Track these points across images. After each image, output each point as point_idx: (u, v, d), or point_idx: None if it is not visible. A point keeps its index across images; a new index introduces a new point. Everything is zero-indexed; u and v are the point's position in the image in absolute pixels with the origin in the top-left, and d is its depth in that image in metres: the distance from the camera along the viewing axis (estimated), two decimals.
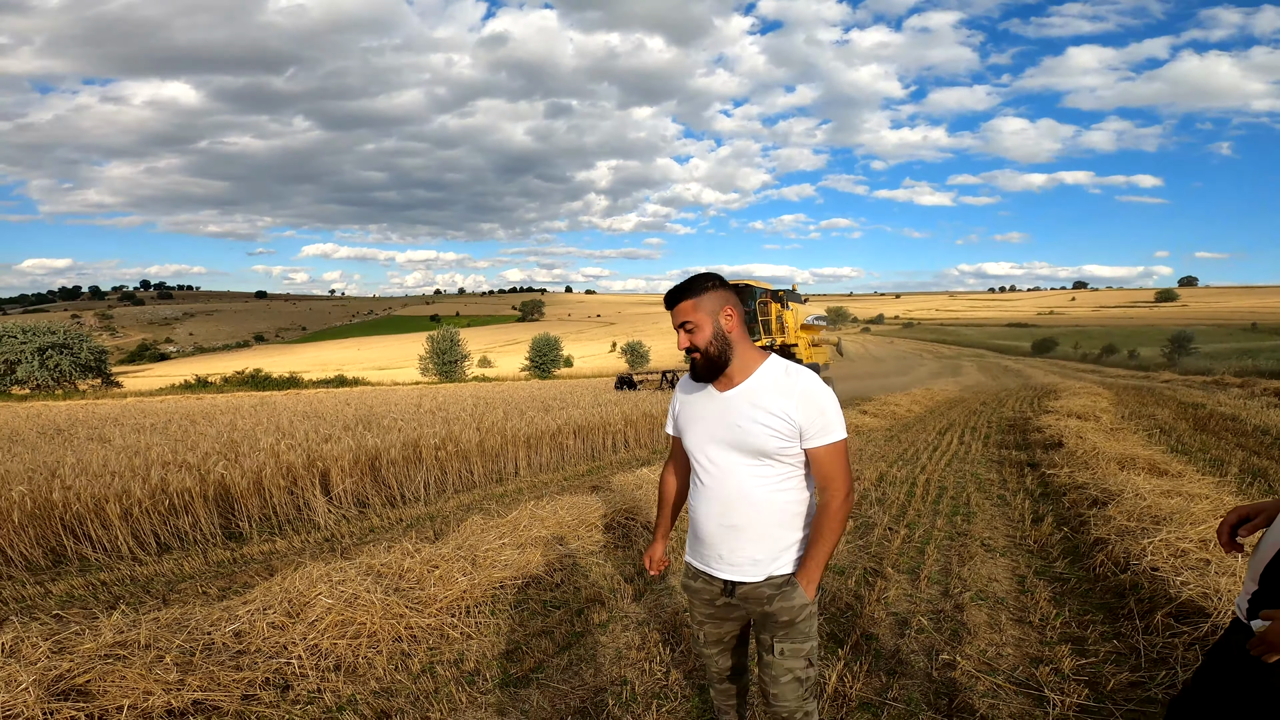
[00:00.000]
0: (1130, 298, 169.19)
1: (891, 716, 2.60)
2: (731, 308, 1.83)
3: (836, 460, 1.78)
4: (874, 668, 2.99)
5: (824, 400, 1.76)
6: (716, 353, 1.81)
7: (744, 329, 1.85)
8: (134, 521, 5.07)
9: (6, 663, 2.68)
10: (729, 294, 1.85)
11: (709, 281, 1.83)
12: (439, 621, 3.49)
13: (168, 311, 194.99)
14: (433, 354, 45.80)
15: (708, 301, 1.81)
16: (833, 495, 1.78)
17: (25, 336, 35.09)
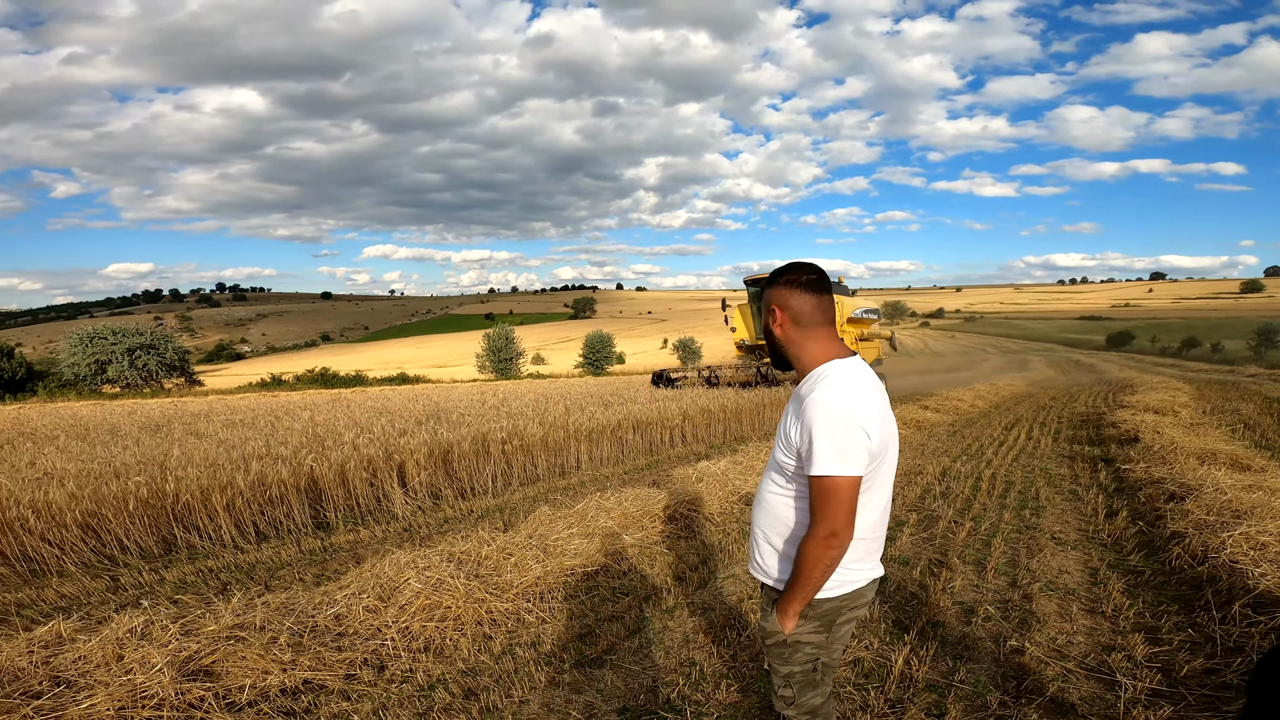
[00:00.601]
0: (1213, 289, 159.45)
1: (958, 697, 2.67)
2: (777, 306, 1.75)
3: (820, 496, 1.61)
4: (940, 653, 3.06)
5: (818, 428, 1.59)
6: (769, 346, 1.83)
7: (802, 329, 1.73)
8: (236, 512, 5.46)
9: (140, 645, 2.90)
10: (782, 292, 1.75)
11: (773, 276, 1.78)
12: (515, 606, 3.69)
13: (242, 313, 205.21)
14: (489, 352, 46.90)
15: (767, 296, 1.81)
16: (809, 533, 1.64)
17: (115, 338, 37.43)
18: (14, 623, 3.65)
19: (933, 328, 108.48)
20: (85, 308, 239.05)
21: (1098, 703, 2.62)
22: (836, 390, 1.63)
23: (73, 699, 2.56)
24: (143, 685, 2.66)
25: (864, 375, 1.72)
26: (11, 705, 2.47)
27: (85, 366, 35.96)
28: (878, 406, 1.68)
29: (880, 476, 1.72)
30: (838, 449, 1.57)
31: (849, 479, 1.59)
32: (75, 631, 3.02)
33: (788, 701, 1.82)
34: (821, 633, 1.78)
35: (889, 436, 1.72)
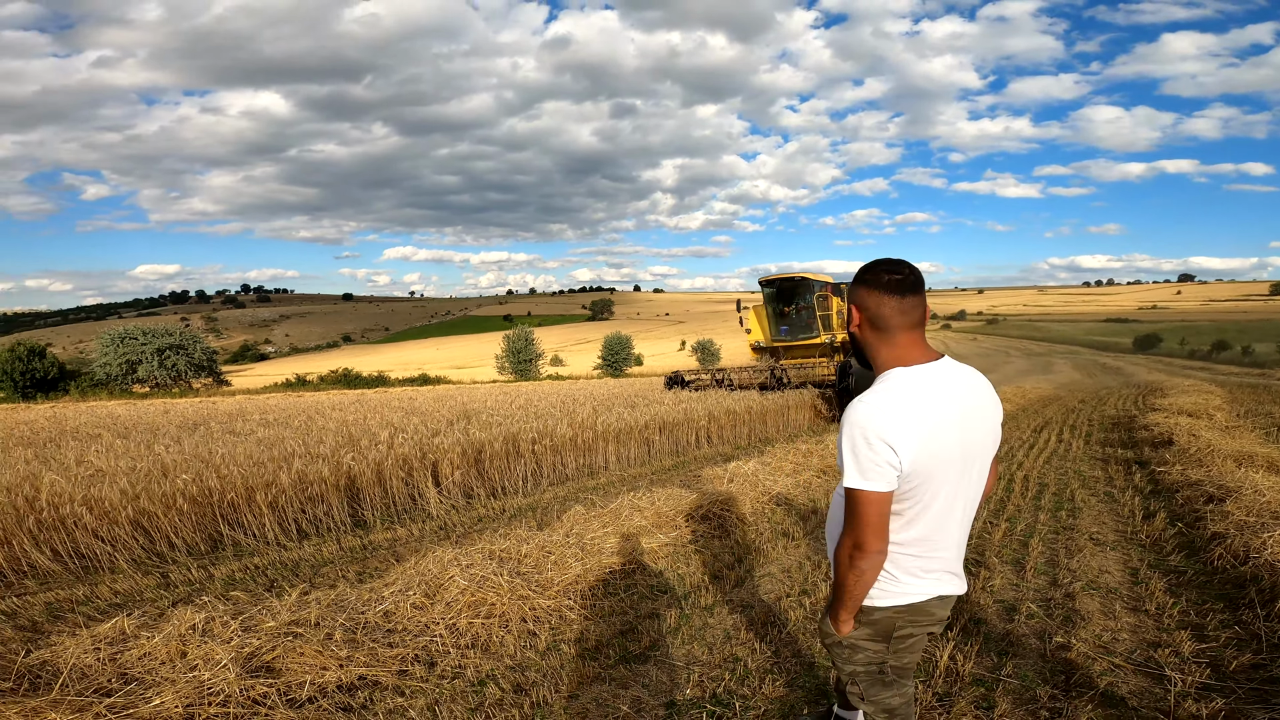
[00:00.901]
0: (1243, 290, 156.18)
1: (1006, 691, 2.70)
2: (855, 306, 1.70)
3: (848, 507, 1.60)
4: (985, 649, 3.09)
5: (844, 440, 1.57)
6: (853, 345, 1.78)
7: (878, 333, 1.66)
8: (279, 510, 5.59)
9: (203, 641, 2.96)
10: (860, 291, 1.68)
11: (858, 273, 1.70)
12: (557, 603, 3.74)
13: (266, 314, 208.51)
14: (509, 353, 47.26)
15: (849, 293, 1.74)
16: (840, 541, 1.65)
17: (146, 338, 38.28)
18: (71, 619, 3.78)
19: (954, 330, 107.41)
20: (114, 309, 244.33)
21: (1147, 696, 2.64)
22: (872, 401, 1.57)
23: (142, 696, 2.62)
24: (209, 682, 2.72)
25: (932, 384, 1.61)
26: (84, 703, 2.52)
27: (116, 366, 36.80)
28: (932, 421, 1.57)
29: (931, 494, 1.61)
30: (858, 463, 1.54)
31: (870, 494, 1.55)
32: (138, 628, 3.10)
33: (859, 696, 1.85)
34: (878, 641, 1.75)
35: (953, 457, 1.61)
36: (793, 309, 15.11)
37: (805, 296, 14.70)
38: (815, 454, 7.73)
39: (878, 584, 1.68)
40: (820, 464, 7.36)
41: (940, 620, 1.78)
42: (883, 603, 1.70)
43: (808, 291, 14.60)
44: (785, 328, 15.27)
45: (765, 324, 15.70)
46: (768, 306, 15.56)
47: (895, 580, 1.68)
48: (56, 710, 2.44)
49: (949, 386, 1.63)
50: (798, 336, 14.97)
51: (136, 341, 37.88)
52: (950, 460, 1.60)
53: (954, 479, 1.63)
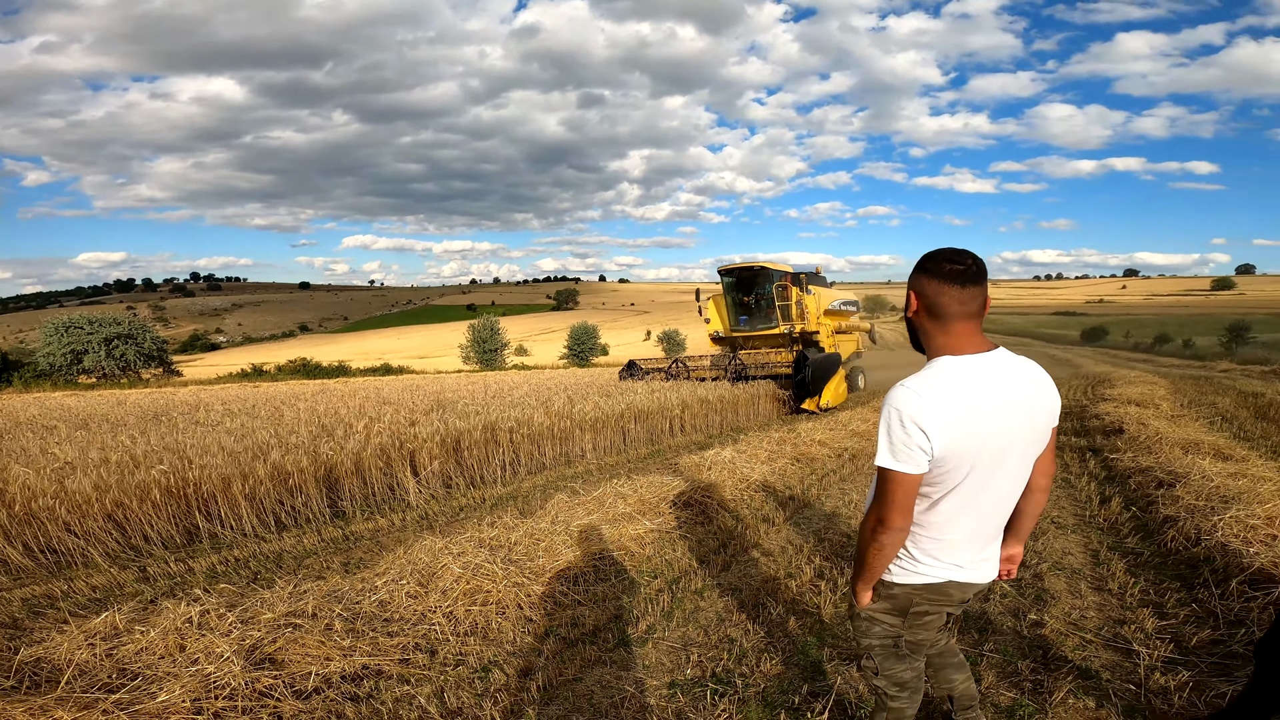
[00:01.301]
0: (1185, 286, 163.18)
1: (990, 665, 2.88)
2: (914, 293, 1.72)
3: (876, 483, 1.71)
4: (965, 626, 3.27)
5: (882, 419, 1.65)
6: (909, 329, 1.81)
7: (935, 321, 1.69)
8: (256, 501, 5.52)
9: (202, 635, 2.93)
10: (921, 279, 1.70)
11: (921, 261, 1.72)
12: (552, 589, 3.81)
13: (217, 303, 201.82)
14: (474, 342, 46.73)
15: (910, 280, 1.75)
16: (865, 515, 1.75)
17: (92, 328, 36.69)
18: (52, 615, 3.70)
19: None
20: (55, 297, 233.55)
21: (1119, 670, 2.84)
22: (913, 386, 1.62)
23: (147, 691, 2.59)
24: (214, 675, 2.70)
25: (979, 374, 1.64)
26: (90, 700, 2.48)
27: (61, 356, 35.28)
28: (971, 410, 1.61)
29: (958, 481, 1.66)
30: (890, 444, 1.61)
31: (899, 474, 1.61)
32: (130, 623, 3.04)
33: (872, 671, 1.96)
34: (895, 615, 1.85)
35: (991, 446, 1.64)
36: (752, 299, 14.96)
37: (765, 286, 14.55)
38: (789, 442, 7.91)
39: (898, 562, 1.78)
40: (794, 452, 7.55)
41: (959, 602, 1.86)
42: (901, 580, 1.80)
43: (767, 281, 14.45)
44: (744, 318, 15.14)
45: (725, 314, 15.51)
46: (727, 296, 15.37)
47: (914, 560, 1.77)
48: (63, 708, 2.40)
49: (995, 378, 1.65)
50: (757, 327, 14.85)
51: (82, 331, 36.31)
52: (983, 450, 1.64)
53: (984, 469, 1.66)
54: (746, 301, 15.00)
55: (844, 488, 6.33)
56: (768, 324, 14.60)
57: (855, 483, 6.54)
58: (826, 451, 7.85)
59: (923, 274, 1.69)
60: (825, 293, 15.76)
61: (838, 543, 4.67)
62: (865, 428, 9.53)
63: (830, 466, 7.25)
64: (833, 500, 5.86)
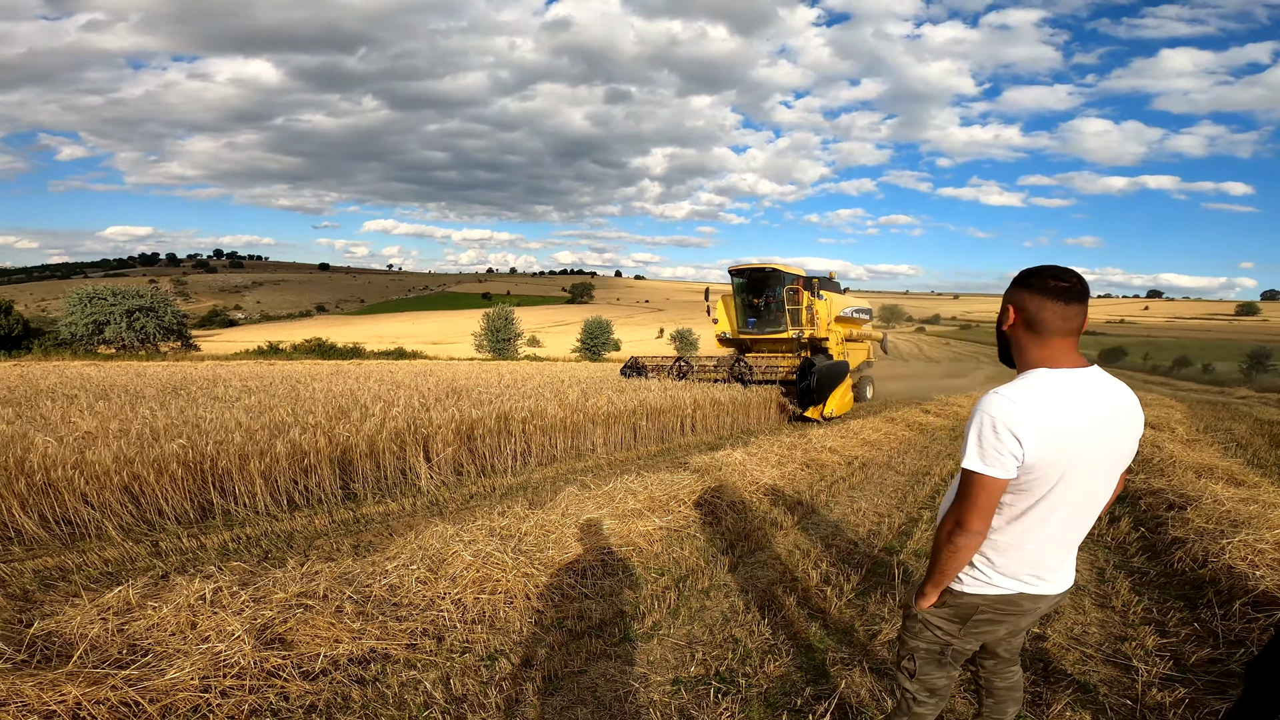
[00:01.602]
0: (1208, 309, 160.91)
1: None
2: (1014, 306, 1.73)
3: (959, 485, 1.71)
4: None
5: (973, 423, 1.66)
6: (999, 339, 1.82)
7: (1033, 335, 1.70)
8: (271, 479, 5.59)
9: (214, 613, 2.97)
10: (1023, 294, 1.71)
11: (1024, 275, 1.74)
12: (559, 581, 3.84)
13: (238, 280, 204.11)
14: (488, 331, 46.92)
15: (1008, 292, 1.77)
16: (944, 517, 1.77)
17: (115, 299, 37.22)
18: (64, 588, 3.73)
19: (928, 333, 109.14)
20: (80, 268, 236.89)
21: (1117, 685, 2.87)
22: (1007, 394, 1.63)
23: (156, 668, 2.62)
24: (224, 654, 2.73)
25: (1073, 390, 1.66)
26: (100, 675, 2.51)
27: (83, 326, 35.81)
28: (1064, 423, 1.63)
29: (1041, 492, 1.68)
30: (981, 446, 1.62)
31: (985, 478, 1.62)
32: (142, 598, 3.08)
33: (908, 674, 1.95)
34: (954, 623, 1.84)
35: (1080, 461, 1.66)
36: (762, 301, 14.50)
37: (776, 289, 14.15)
38: (799, 447, 7.92)
39: (970, 571, 1.78)
40: (805, 457, 7.55)
41: (1029, 613, 1.83)
42: (972, 590, 1.79)
43: (778, 284, 14.05)
44: (753, 320, 14.68)
45: (733, 315, 15.07)
46: (737, 297, 14.94)
47: (988, 570, 1.76)
48: (73, 683, 2.42)
49: (1087, 394, 1.67)
50: (765, 330, 14.44)
51: (105, 302, 36.83)
52: (1074, 463, 1.65)
53: (1069, 483, 1.67)
54: (756, 303, 14.65)
55: (853, 495, 6.33)
56: (776, 327, 14.28)
57: (864, 491, 6.54)
58: (837, 459, 7.85)
59: (1025, 288, 1.71)
60: (837, 299, 15.38)
61: (845, 549, 4.69)
62: (877, 437, 9.52)
63: (840, 474, 7.24)
64: (841, 507, 5.87)
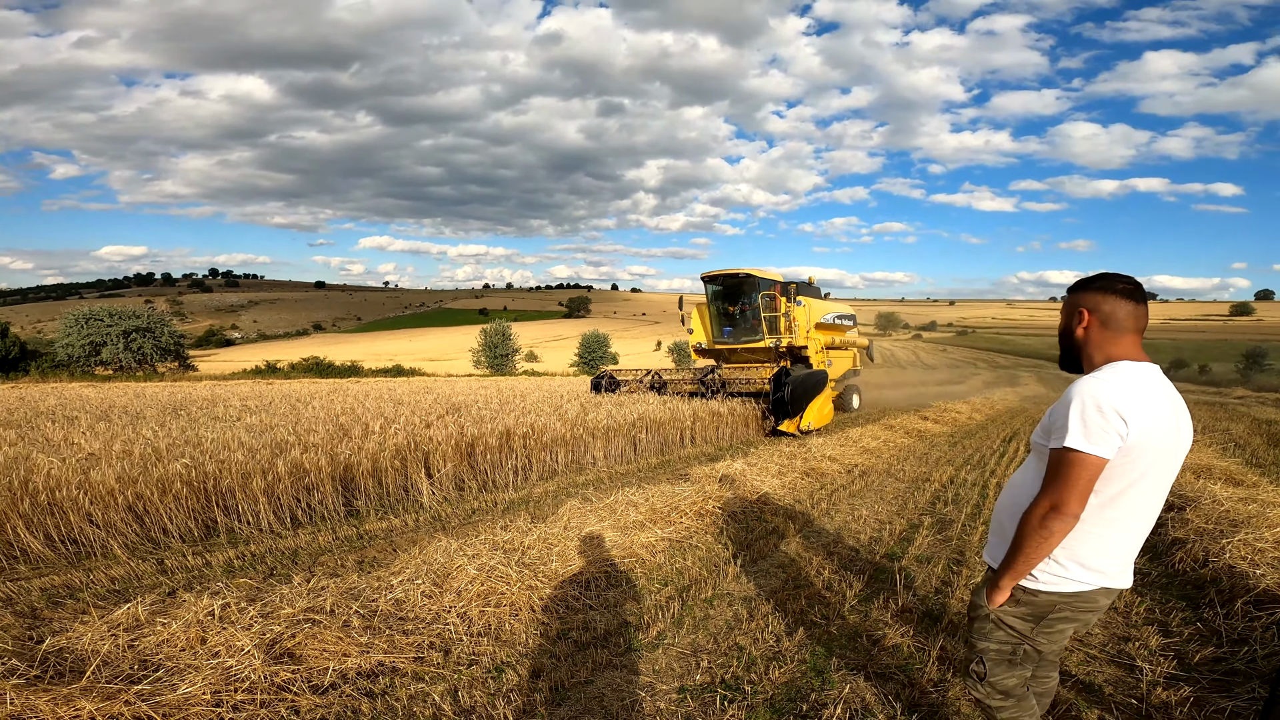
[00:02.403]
0: (1202, 310, 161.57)
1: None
2: (1087, 309, 1.82)
3: (1053, 467, 1.70)
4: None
5: (1074, 404, 1.68)
6: (1064, 345, 1.91)
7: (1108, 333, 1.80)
8: (274, 497, 5.61)
9: (223, 628, 2.99)
10: (1095, 296, 1.82)
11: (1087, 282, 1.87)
12: (564, 593, 3.87)
13: (234, 299, 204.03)
14: (485, 347, 47.02)
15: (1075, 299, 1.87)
16: (1033, 501, 1.74)
17: (112, 320, 37.26)
18: (71, 605, 3.74)
19: (925, 340, 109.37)
20: (75, 289, 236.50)
21: (1121, 685, 2.90)
22: (1110, 377, 1.70)
23: (169, 684, 2.64)
24: (234, 669, 2.75)
25: (1154, 380, 1.75)
26: (113, 691, 2.53)
27: (80, 348, 35.81)
28: (1155, 408, 1.69)
29: (1135, 479, 1.71)
30: (1085, 425, 1.64)
31: (1088, 456, 1.64)
32: (151, 615, 3.10)
33: (978, 677, 1.94)
34: (1028, 622, 1.84)
35: (1162, 448, 1.71)
36: (737, 309, 13.98)
37: (751, 296, 13.56)
38: (799, 456, 7.95)
39: (1046, 568, 1.78)
40: (804, 466, 7.58)
41: (1101, 609, 1.87)
42: (1050, 587, 1.79)
43: (753, 290, 13.45)
44: (729, 329, 14.19)
45: (709, 324, 14.51)
46: (711, 305, 14.38)
47: (1069, 565, 1.77)
48: (87, 698, 2.44)
49: (1164, 387, 1.77)
50: (741, 339, 13.92)
51: (102, 323, 36.86)
52: (1161, 451, 1.72)
53: (1156, 471, 1.73)
54: (731, 311, 14.13)
55: (854, 503, 6.35)
56: (753, 336, 13.70)
57: (865, 499, 6.56)
58: (837, 467, 7.88)
59: (1095, 291, 1.83)
60: (817, 305, 14.80)
61: (846, 556, 4.71)
62: (876, 445, 9.55)
63: (841, 482, 7.27)
64: (842, 515, 5.89)
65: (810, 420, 11.67)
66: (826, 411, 12.66)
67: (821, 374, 12.52)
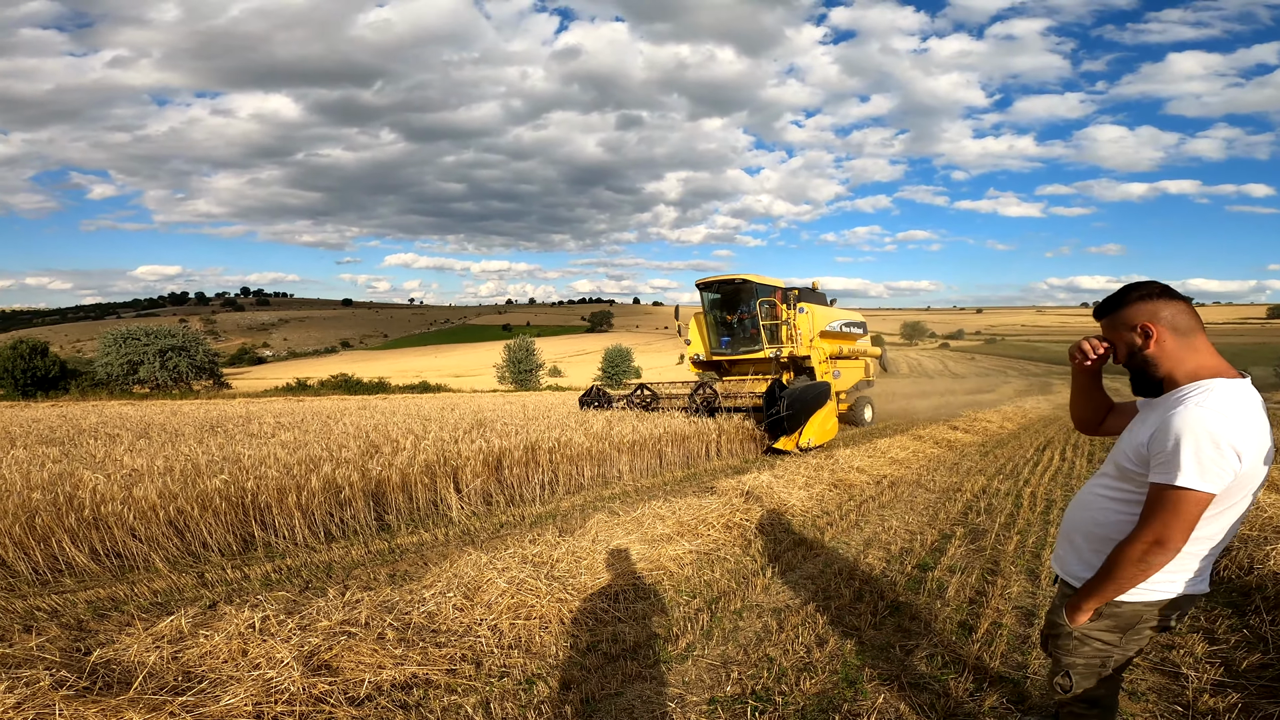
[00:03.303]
0: (1240, 314, 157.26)
1: (1035, 685, 2.90)
2: (1148, 322, 1.71)
3: (1158, 504, 1.63)
4: (1009, 648, 3.28)
5: (1186, 438, 1.58)
6: (1133, 371, 1.77)
7: (1181, 338, 1.70)
8: (309, 512, 5.72)
9: (263, 640, 3.07)
10: (1146, 306, 1.72)
11: (1122, 295, 1.77)
12: (593, 606, 3.89)
13: (265, 317, 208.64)
14: (509, 363, 47.43)
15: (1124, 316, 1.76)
16: (1132, 535, 1.68)
17: (148, 339, 38.34)
18: (116, 618, 3.84)
19: (952, 349, 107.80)
20: (113, 308, 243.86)
21: (1166, 693, 2.86)
22: (1217, 405, 1.59)
23: (212, 695, 2.70)
24: (274, 681, 2.81)
25: (1253, 399, 1.67)
26: (158, 702, 2.59)
27: (118, 366, 36.84)
28: (1262, 436, 1.63)
29: (1239, 500, 1.69)
30: (1200, 463, 1.56)
31: (1201, 494, 1.58)
32: (194, 627, 3.19)
33: (1064, 689, 1.91)
34: (1114, 633, 1.82)
35: (1259, 464, 1.65)
36: (735, 317, 13.24)
37: (750, 303, 12.83)
38: (826, 468, 7.90)
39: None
40: (832, 478, 7.53)
41: (1185, 611, 1.84)
42: (1138, 598, 1.76)
43: (751, 297, 12.74)
44: (726, 339, 13.43)
45: (706, 334, 13.71)
46: (708, 314, 13.60)
47: (1163, 575, 1.73)
48: (134, 709, 2.50)
49: (1261, 405, 1.70)
50: (739, 349, 13.22)
51: (139, 342, 37.93)
52: (1262, 475, 1.68)
53: (1252, 491, 1.71)
54: (729, 320, 13.38)
55: (883, 514, 6.28)
56: (751, 346, 12.99)
57: (895, 509, 6.49)
58: (865, 478, 7.81)
59: (1148, 300, 1.73)
60: (821, 312, 13.88)
61: (877, 567, 4.67)
62: (905, 455, 9.45)
63: (870, 493, 7.20)
64: (872, 526, 5.83)
65: (811, 436, 10.89)
66: (830, 426, 11.83)
67: (823, 386, 11.84)
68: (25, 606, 4.08)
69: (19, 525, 4.72)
